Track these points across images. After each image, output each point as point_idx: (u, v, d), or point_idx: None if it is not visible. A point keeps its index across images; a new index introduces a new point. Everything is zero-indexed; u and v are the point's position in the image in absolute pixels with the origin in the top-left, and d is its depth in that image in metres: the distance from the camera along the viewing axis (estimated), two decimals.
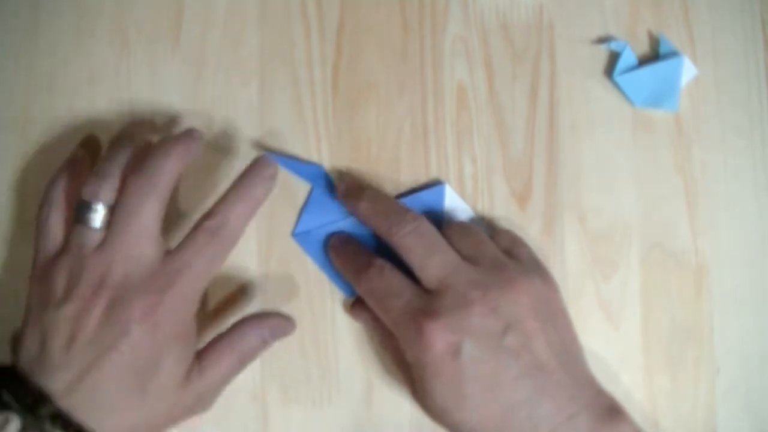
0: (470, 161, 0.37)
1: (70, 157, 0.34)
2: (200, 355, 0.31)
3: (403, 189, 0.37)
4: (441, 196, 0.37)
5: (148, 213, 0.30)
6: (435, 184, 0.37)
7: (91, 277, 0.30)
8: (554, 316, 0.32)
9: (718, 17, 0.39)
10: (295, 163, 0.36)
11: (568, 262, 0.37)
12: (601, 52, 0.38)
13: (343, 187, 0.35)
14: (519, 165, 0.37)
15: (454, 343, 0.30)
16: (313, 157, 0.37)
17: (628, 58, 0.38)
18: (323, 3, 0.37)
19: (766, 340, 0.38)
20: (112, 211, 0.30)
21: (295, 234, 0.36)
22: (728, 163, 0.39)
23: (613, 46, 0.38)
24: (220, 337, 0.32)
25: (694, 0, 0.39)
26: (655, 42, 0.39)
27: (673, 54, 0.38)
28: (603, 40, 0.38)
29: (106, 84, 0.36)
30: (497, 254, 0.33)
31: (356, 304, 0.36)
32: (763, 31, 0.39)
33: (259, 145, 0.37)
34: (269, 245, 0.36)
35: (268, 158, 0.33)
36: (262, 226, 0.36)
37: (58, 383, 0.28)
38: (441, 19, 0.38)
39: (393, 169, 0.37)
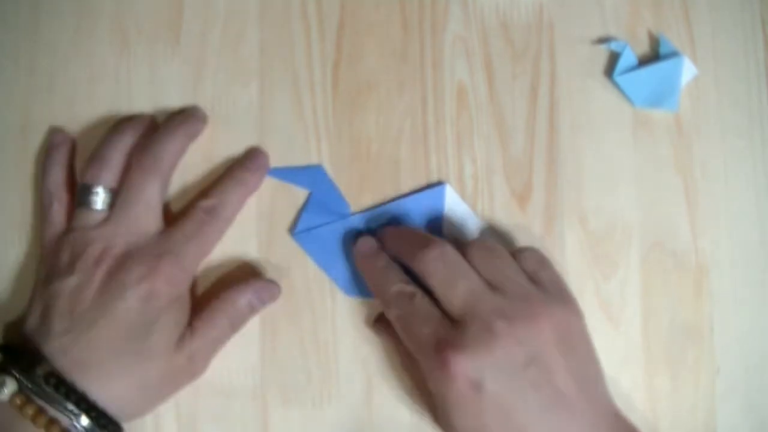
0: (470, 161, 0.37)
1: (54, 141, 0.35)
2: (192, 320, 0.33)
3: (403, 189, 0.37)
4: (441, 196, 0.37)
5: (150, 191, 0.32)
6: (435, 184, 0.37)
7: (94, 250, 0.31)
8: (577, 344, 0.32)
9: (718, 17, 0.39)
10: (294, 172, 0.36)
11: (568, 262, 0.37)
12: (601, 52, 0.38)
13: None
14: (519, 165, 0.37)
15: (476, 377, 0.29)
16: (313, 157, 0.37)
17: (628, 58, 0.38)
18: (323, 3, 0.37)
19: (766, 340, 0.38)
20: (116, 191, 0.33)
21: (295, 233, 0.36)
22: (728, 163, 0.39)
23: (613, 46, 0.38)
24: (211, 304, 0.34)
25: (694, 0, 0.39)
26: (655, 42, 0.39)
27: (673, 54, 0.38)
28: (603, 40, 0.38)
29: (106, 84, 0.36)
30: (521, 281, 0.32)
31: (380, 321, 0.36)
32: (763, 31, 0.39)
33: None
34: (269, 244, 0.36)
35: (260, 149, 0.36)
36: (262, 226, 0.36)
37: (54, 345, 0.30)
38: (441, 19, 0.38)
39: (393, 169, 0.37)
